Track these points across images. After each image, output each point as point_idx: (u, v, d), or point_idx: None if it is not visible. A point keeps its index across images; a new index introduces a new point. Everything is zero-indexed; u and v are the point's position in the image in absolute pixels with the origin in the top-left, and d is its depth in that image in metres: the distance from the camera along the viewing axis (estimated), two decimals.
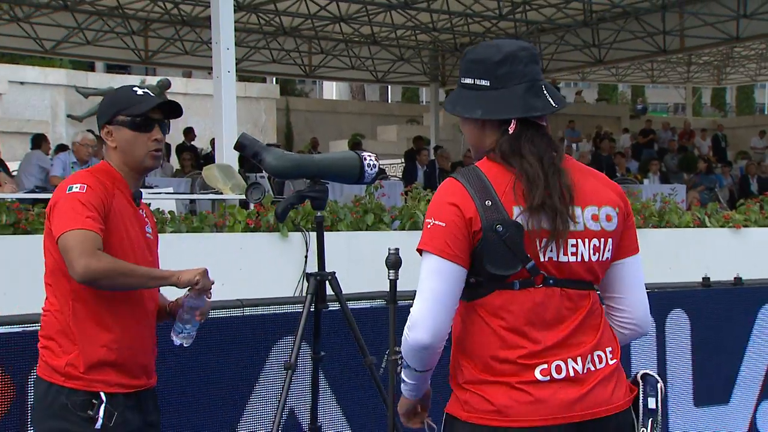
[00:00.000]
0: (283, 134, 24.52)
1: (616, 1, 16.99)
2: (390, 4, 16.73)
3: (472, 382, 2.21)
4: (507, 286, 2.18)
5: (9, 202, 5.91)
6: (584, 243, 2.22)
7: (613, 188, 2.32)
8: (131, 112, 2.79)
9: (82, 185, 2.67)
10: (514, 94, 2.22)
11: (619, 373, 2.27)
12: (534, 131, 2.23)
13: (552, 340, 2.18)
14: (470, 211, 2.15)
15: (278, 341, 3.80)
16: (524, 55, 2.25)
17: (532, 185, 2.16)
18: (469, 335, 2.24)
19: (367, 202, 7.04)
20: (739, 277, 5.25)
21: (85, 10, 16.82)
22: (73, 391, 2.65)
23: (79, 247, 2.55)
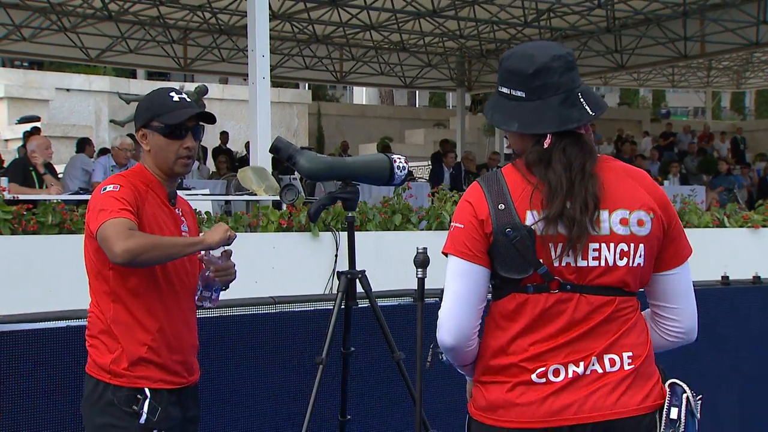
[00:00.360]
0: (314, 138, 24.58)
1: (638, 8, 16.83)
2: (418, 12, 16.70)
3: (480, 380, 2.21)
4: (521, 290, 2.13)
5: (55, 203, 5.97)
6: (609, 248, 2.11)
7: (653, 193, 2.18)
8: (166, 120, 2.77)
9: (115, 185, 2.69)
10: (549, 106, 2.13)
11: (639, 378, 2.13)
12: (569, 140, 2.14)
13: (555, 343, 2.10)
14: (483, 213, 2.12)
15: (309, 337, 3.79)
16: (558, 66, 2.15)
17: (551, 194, 2.08)
18: (485, 335, 2.21)
19: (396, 203, 7.04)
20: (758, 276, 5.18)
21: (128, 20, 16.97)
22: (118, 388, 2.67)
23: (114, 233, 2.53)
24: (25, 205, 5.85)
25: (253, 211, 6.93)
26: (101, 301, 2.72)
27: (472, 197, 2.16)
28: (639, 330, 2.17)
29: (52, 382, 3.30)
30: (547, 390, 2.09)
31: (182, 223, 2.86)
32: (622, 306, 2.14)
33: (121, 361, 2.67)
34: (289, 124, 22.54)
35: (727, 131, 24.56)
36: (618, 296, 2.13)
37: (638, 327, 2.17)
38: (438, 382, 4.09)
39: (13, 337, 3.28)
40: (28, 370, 3.27)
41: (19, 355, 3.26)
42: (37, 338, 3.31)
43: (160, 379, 2.71)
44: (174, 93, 2.84)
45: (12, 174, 8.60)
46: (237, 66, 18.38)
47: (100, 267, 2.69)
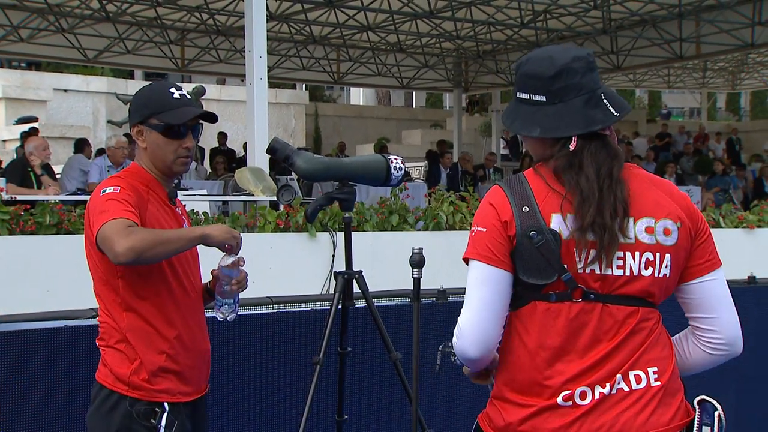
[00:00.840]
0: (312, 138, 24.59)
1: (634, 9, 16.86)
2: (415, 13, 16.71)
3: (498, 397, 2.10)
4: (543, 298, 2.02)
5: (52, 204, 5.97)
6: (633, 256, 2.02)
7: (680, 201, 2.09)
8: (166, 118, 2.63)
9: (114, 187, 2.56)
10: (572, 108, 2.05)
11: (666, 395, 2.03)
12: (597, 143, 2.05)
13: (582, 365, 2.00)
14: (506, 215, 2.02)
15: (306, 337, 3.80)
16: (579, 66, 2.07)
17: (584, 203, 1.99)
18: (505, 347, 2.10)
19: (392, 204, 7.04)
20: (753, 276, 5.19)
21: (125, 21, 16.96)
22: (136, 400, 2.57)
23: (115, 231, 2.41)
24: (23, 206, 5.86)
25: (250, 211, 6.93)
26: (113, 310, 2.61)
27: (494, 199, 2.06)
28: (663, 343, 2.08)
29: (50, 382, 3.30)
30: (573, 414, 1.99)
31: (183, 222, 2.77)
32: (646, 317, 2.05)
33: (140, 372, 2.57)
34: (287, 124, 22.54)
35: (722, 132, 24.62)
36: (641, 307, 2.04)
37: (662, 340, 2.09)
38: (434, 382, 4.09)
39: (12, 337, 3.28)
40: (27, 370, 3.27)
41: (17, 355, 3.26)
42: (36, 338, 3.30)
43: (178, 392, 2.63)
44: (174, 89, 2.70)
45: (10, 175, 8.60)
46: (234, 67, 18.38)
47: (108, 276, 2.58)
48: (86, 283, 2.77)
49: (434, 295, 4.23)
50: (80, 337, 3.32)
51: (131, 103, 2.74)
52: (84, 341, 3.31)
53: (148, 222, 2.58)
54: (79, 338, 3.32)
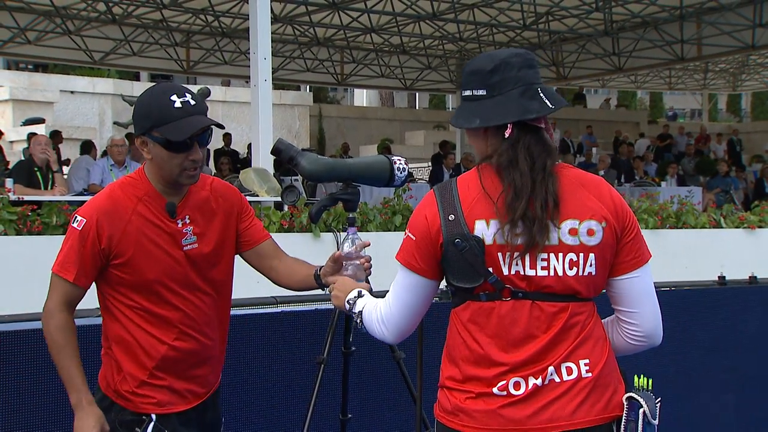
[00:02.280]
0: (315, 139, 24.59)
1: (636, 11, 16.84)
2: (418, 15, 16.71)
3: (444, 385, 2.21)
4: (474, 297, 2.13)
5: (59, 204, 5.98)
6: (557, 257, 2.08)
7: (606, 201, 2.14)
8: (167, 133, 2.41)
9: (82, 220, 2.45)
10: (509, 98, 2.13)
11: (597, 387, 2.11)
12: (532, 136, 2.13)
13: (516, 357, 2.09)
14: (436, 225, 2.12)
15: (311, 336, 3.79)
16: (517, 61, 2.15)
17: (517, 197, 2.07)
18: (448, 340, 2.22)
19: (396, 204, 7.04)
20: (754, 276, 5.18)
21: (131, 23, 16.98)
22: (122, 409, 2.50)
23: (50, 292, 2.46)
24: (30, 206, 5.86)
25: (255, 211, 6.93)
26: (103, 315, 2.56)
27: (426, 209, 2.16)
28: (596, 337, 2.15)
29: (56, 381, 3.29)
30: (506, 401, 2.09)
31: (185, 236, 2.53)
32: (577, 311, 2.12)
33: (125, 383, 2.50)
34: (291, 125, 22.55)
35: (723, 133, 24.57)
36: (572, 302, 2.11)
37: (595, 334, 2.15)
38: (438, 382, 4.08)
39: (19, 336, 3.28)
40: (34, 369, 3.27)
41: (24, 353, 3.26)
42: (42, 337, 3.30)
43: (168, 403, 2.51)
44: (175, 95, 2.43)
45: (17, 175, 8.61)
46: (239, 68, 18.41)
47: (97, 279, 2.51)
48: None
49: (437, 295, 4.22)
50: (87, 336, 3.32)
51: (134, 110, 2.53)
52: (90, 340, 3.31)
53: (128, 243, 2.45)
54: (86, 337, 3.31)
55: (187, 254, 2.53)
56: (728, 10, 16.39)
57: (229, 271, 2.71)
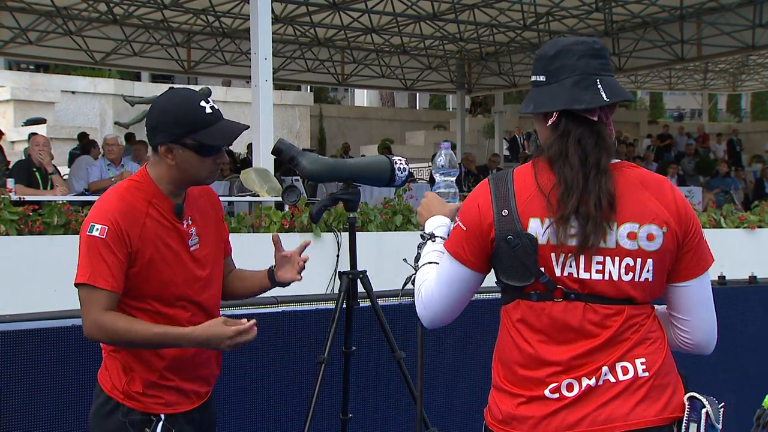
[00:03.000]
0: (316, 139, 24.60)
1: (636, 11, 16.84)
2: (419, 15, 16.71)
3: (495, 387, 2.13)
4: (525, 296, 2.05)
5: (60, 204, 5.98)
6: (613, 261, 2.00)
7: (669, 204, 2.04)
8: (204, 139, 2.43)
9: (103, 226, 2.39)
10: (562, 87, 2.05)
11: (655, 387, 2.02)
12: (585, 129, 2.03)
13: (568, 357, 2.01)
14: (488, 218, 2.04)
15: (311, 336, 3.79)
16: (578, 49, 2.06)
17: (567, 192, 1.98)
18: (499, 340, 2.14)
19: (396, 204, 7.04)
20: (754, 276, 5.18)
21: (132, 23, 16.98)
22: (131, 410, 2.50)
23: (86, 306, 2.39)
24: (31, 206, 5.86)
25: (255, 212, 6.94)
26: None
27: (480, 199, 2.08)
28: (653, 338, 2.06)
29: (58, 380, 3.30)
30: (560, 404, 2.00)
31: (190, 237, 2.56)
32: (633, 314, 2.03)
33: (134, 383, 2.50)
34: (291, 126, 22.55)
35: (723, 133, 24.57)
36: (627, 305, 2.03)
37: (652, 335, 2.06)
38: (438, 381, 4.08)
39: (20, 335, 3.28)
40: (34, 369, 3.27)
41: (25, 353, 3.26)
42: (44, 337, 3.30)
43: (176, 403, 2.54)
44: (203, 102, 2.46)
45: (16, 175, 8.61)
46: (240, 69, 18.39)
47: None
48: None
49: None
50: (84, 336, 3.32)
51: (156, 117, 2.48)
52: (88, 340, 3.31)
53: (144, 245, 2.45)
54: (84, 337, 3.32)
55: (192, 254, 2.56)
56: (728, 11, 16.38)
57: (222, 269, 2.73)
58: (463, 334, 4.15)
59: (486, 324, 4.23)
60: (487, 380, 2.17)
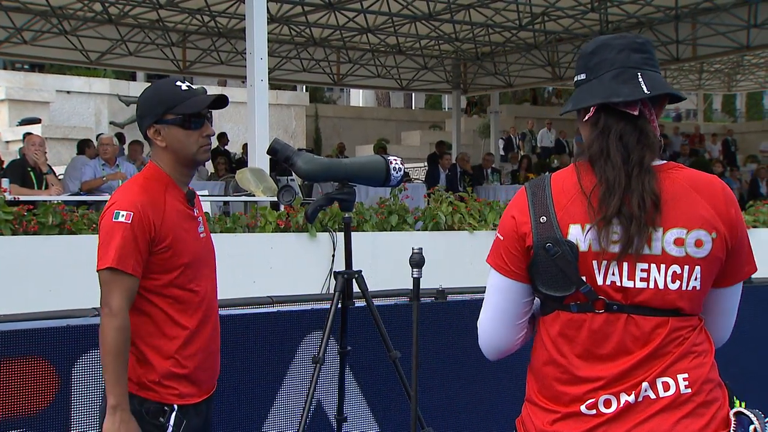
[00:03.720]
0: (312, 139, 24.59)
1: (631, 11, 16.86)
2: (414, 15, 16.71)
3: (529, 401, 2.04)
4: (564, 308, 1.95)
5: (55, 205, 5.97)
6: (659, 269, 1.89)
7: (720, 208, 1.93)
8: (181, 110, 2.60)
9: (128, 212, 2.50)
10: (601, 82, 1.95)
11: (699, 403, 1.91)
12: (627, 125, 1.92)
13: (607, 373, 1.91)
14: (525, 226, 1.95)
15: (307, 336, 3.79)
16: (618, 43, 1.97)
17: (609, 192, 1.88)
18: (534, 351, 2.05)
19: (392, 204, 7.04)
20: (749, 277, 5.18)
21: (127, 23, 16.95)
22: (146, 400, 2.57)
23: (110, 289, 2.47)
24: (26, 206, 5.85)
25: (251, 211, 6.93)
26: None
27: (516, 207, 1.99)
28: (698, 352, 1.95)
29: (52, 379, 3.29)
30: (597, 420, 1.91)
31: (199, 224, 2.72)
32: (678, 327, 1.93)
33: (150, 374, 2.57)
34: (287, 125, 22.54)
35: (718, 133, 24.62)
36: (671, 317, 1.92)
37: (697, 347, 1.95)
38: (433, 381, 4.09)
39: (15, 335, 3.27)
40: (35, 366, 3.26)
41: (19, 353, 3.25)
42: (38, 336, 3.30)
43: (188, 394, 2.62)
44: (179, 82, 2.67)
45: (11, 175, 8.60)
46: (235, 68, 18.37)
47: None
48: (88, 283, 2.77)
49: (433, 295, 4.22)
50: (82, 336, 3.32)
51: (140, 106, 2.69)
52: (86, 339, 3.31)
53: (165, 231, 2.55)
54: (81, 336, 3.32)
55: (202, 241, 2.70)
56: (723, 11, 16.41)
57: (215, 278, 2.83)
58: (457, 334, 4.16)
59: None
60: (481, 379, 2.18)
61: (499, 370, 4.18)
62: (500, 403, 4.17)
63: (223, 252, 5.44)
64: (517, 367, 2.13)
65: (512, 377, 3.82)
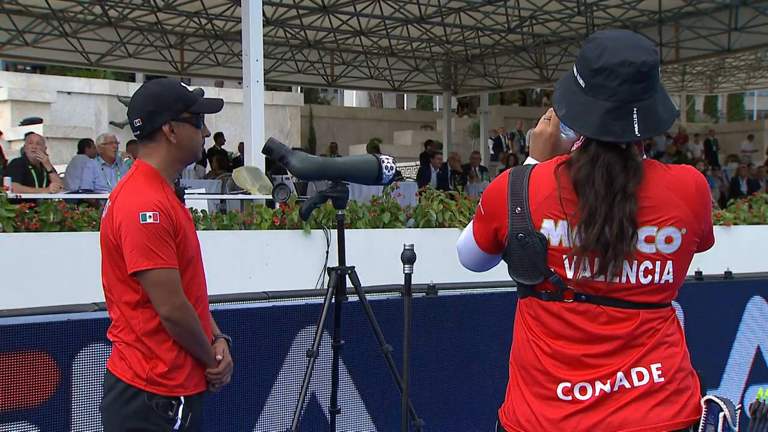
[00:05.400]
0: (306, 139, 24.56)
1: (616, 15, 16.89)
2: (406, 18, 16.70)
3: (512, 388, 2.07)
4: (536, 295, 1.99)
5: (56, 202, 5.94)
6: (631, 265, 1.91)
7: (691, 201, 1.95)
8: (198, 109, 2.69)
9: (153, 212, 2.52)
10: (597, 109, 1.91)
11: (672, 392, 1.94)
12: (614, 155, 1.91)
13: (580, 361, 1.94)
14: (502, 215, 2.00)
15: (301, 331, 3.79)
16: (624, 72, 1.90)
17: (590, 220, 1.89)
18: (515, 340, 2.08)
19: (384, 202, 7.03)
20: (729, 272, 5.21)
21: (127, 25, 16.90)
22: (153, 395, 2.58)
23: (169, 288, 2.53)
24: (27, 204, 5.83)
25: (247, 209, 6.92)
26: (127, 308, 2.59)
27: (497, 192, 2.03)
28: (670, 341, 1.98)
29: (52, 372, 3.28)
30: (574, 408, 1.94)
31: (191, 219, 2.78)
32: (649, 317, 1.95)
33: (157, 369, 2.58)
34: (282, 125, 22.50)
35: (700, 133, 24.68)
36: (642, 309, 1.94)
37: (670, 338, 1.98)
38: (424, 374, 4.09)
39: (16, 330, 3.26)
40: (35, 365, 3.25)
41: (21, 346, 3.24)
42: (39, 331, 3.29)
43: (192, 385, 2.66)
44: (183, 83, 2.78)
45: (12, 173, 8.56)
46: (232, 70, 18.34)
47: (126, 276, 2.55)
48: (88, 279, 2.76)
49: (424, 290, 4.23)
50: (82, 330, 3.31)
51: (151, 102, 2.63)
52: (86, 334, 3.30)
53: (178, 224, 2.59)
54: (81, 331, 3.31)
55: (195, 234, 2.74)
56: (705, 15, 16.46)
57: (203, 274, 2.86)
58: (447, 328, 4.16)
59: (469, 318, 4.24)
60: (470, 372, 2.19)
61: (488, 363, 4.18)
62: (488, 395, 4.17)
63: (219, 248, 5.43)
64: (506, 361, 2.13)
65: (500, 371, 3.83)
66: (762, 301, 5.11)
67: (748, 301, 5.09)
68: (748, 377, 5.08)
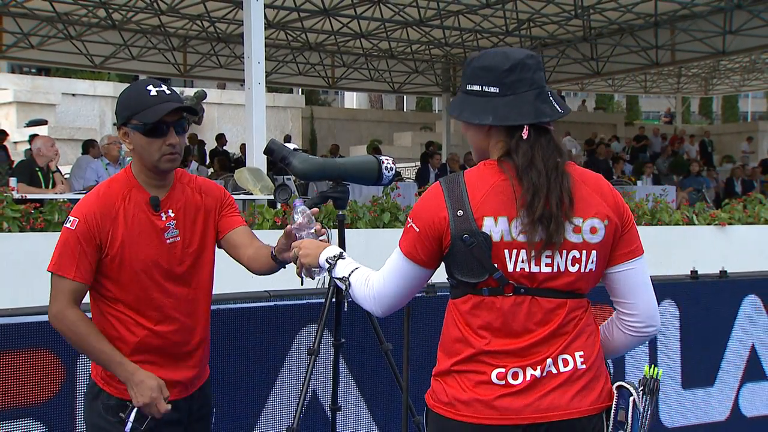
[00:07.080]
0: (307, 140, 24.57)
1: (613, 18, 16.90)
2: (406, 21, 16.71)
3: (440, 373, 2.16)
4: (477, 292, 2.08)
5: (61, 202, 5.95)
6: (561, 254, 2.05)
7: (608, 198, 2.12)
8: (143, 118, 2.45)
9: (74, 219, 2.46)
10: (524, 100, 2.07)
11: (591, 378, 2.09)
12: (546, 137, 2.09)
13: (513, 347, 2.06)
14: (444, 221, 2.06)
15: (302, 329, 3.79)
16: (532, 63, 2.10)
17: (536, 196, 2.02)
18: (445, 330, 2.18)
19: (384, 202, 7.04)
20: (724, 271, 5.20)
21: (130, 28, 16.92)
22: (109, 396, 2.52)
23: (53, 293, 2.44)
24: (33, 204, 5.83)
25: (249, 209, 6.93)
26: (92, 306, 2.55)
27: (432, 201, 2.09)
28: (590, 331, 2.13)
29: (58, 370, 3.28)
30: (506, 390, 2.06)
31: (167, 230, 2.55)
32: (575, 307, 2.10)
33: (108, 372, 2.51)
34: (284, 127, 22.51)
35: (695, 134, 24.68)
36: (569, 299, 2.09)
37: (589, 328, 2.14)
38: (424, 372, 4.09)
39: (23, 328, 3.26)
40: (36, 359, 3.25)
41: (27, 345, 3.24)
42: (45, 330, 3.29)
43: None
44: (151, 86, 2.50)
45: (19, 174, 8.56)
46: (234, 72, 18.36)
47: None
48: None
49: (423, 289, 4.23)
50: None
51: (115, 107, 2.60)
52: None
53: (118, 235, 2.47)
54: None
55: (169, 246, 2.54)
56: (700, 18, 16.46)
57: (211, 266, 2.70)
58: None
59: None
60: None
61: None
62: None
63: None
64: None
65: None
66: (756, 300, 5.10)
67: (742, 300, 5.09)
68: (742, 375, 5.08)
